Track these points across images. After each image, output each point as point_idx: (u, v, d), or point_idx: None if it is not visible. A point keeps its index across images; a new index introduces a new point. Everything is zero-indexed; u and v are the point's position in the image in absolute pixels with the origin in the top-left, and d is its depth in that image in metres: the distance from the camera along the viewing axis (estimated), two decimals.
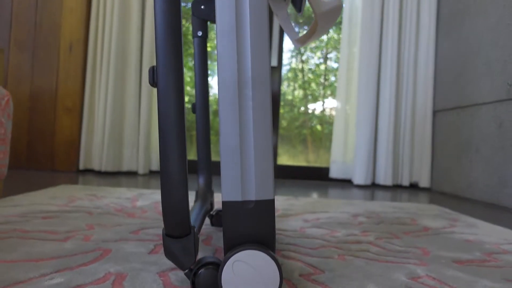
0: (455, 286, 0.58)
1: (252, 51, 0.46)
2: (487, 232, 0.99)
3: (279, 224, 0.96)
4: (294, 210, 1.17)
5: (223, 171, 0.47)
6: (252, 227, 0.46)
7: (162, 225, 0.88)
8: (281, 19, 0.77)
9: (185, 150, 0.46)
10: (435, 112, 2.20)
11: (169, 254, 0.47)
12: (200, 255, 0.67)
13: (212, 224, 0.89)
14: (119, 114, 2.07)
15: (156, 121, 2.19)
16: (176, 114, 0.46)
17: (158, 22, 0.46)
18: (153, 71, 0.47)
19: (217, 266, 0.48)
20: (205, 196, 0.84)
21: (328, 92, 2.53)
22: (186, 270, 0.48)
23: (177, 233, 0.47)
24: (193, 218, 0.65)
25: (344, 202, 1.41)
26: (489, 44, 1.73)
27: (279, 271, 0.45)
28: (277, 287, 0.45)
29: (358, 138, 2.19)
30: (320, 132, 2.57)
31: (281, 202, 1.31)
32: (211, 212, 0.89)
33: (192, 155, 2.29)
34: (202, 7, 0.88)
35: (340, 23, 2.34)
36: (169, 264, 0.61)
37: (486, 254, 0.77)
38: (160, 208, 1.08)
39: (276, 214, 1.10)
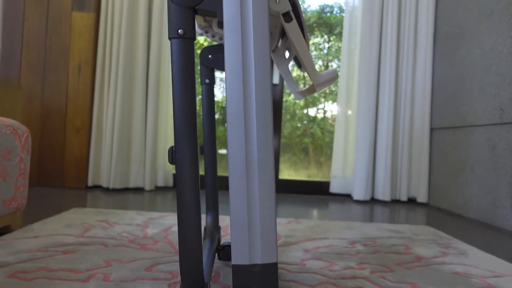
0: None
1: (258, 135, 0.53)
2: (476, 263, 1.06)
3: (281, 255, 1.03)
4: (295, 237, 1.24)
5: (232, 237, 0.54)
6: (259, 286, 0.54)
7: (173, 259, 0.95)
8: (282, 73, 0.84)
9: (200, 225, 0.53)
10: (432, 130, 2.27)
11: None
12: None
13: (220, 258, 0.96)
14: (126, 132, 2.14)
15: (161, 139, 2.26)
16: (192, 190, 0.53)
17: (176, 107, 0.53)
18: (172, 151, 0.54)
19: None
20: (213, 234, 0.91)
21: (329, 100, 2.61)
22: None
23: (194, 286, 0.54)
24: (204, 260, 0.72)
25: (343, 225, 1.48)
26: (483, 69, 1.80)
27: None
28: None
29: (357, 154, 2.26)
30: (321, 140, 2.64)
31: (283, 227, 1.38)
32: (219, 247, 0.96)
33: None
34: (210, 56, 0.96)
35: (339, 55, 2.41)
36: None
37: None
38: (170, 238, 1.15)
39: (278, 242, 1.17)
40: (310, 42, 2.67)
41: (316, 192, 2.43)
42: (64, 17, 2.11)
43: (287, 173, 2.59)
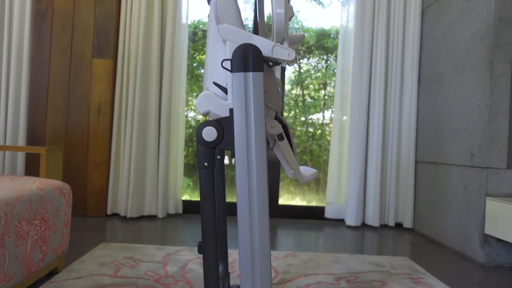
0: None
1: (259, 232, 0.77)
2: None
3: None
4: (291, 274, 1.48)
5: (241, 282, 0.78)
6: None
7: None
8: (281, 159, 1.08)
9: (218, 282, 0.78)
10: (417, 162, 2.51)
11: None
12: None
13: None
14: (141, 166, 2.39)
15: (172, 172, 2.50)
16: (214, 267, 0.77)
17: (204, 215, 0.78)
18: (200, 245, 0.78)
19: None
20: (224, 279, 1.16)
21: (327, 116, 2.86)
22: None
23: None
24: None
25: (333, 259, 1.71)
26: (458, 114, 2.04)
27: None
28: None
29: (349, 182, 2.50)
30: (318, 157, 2.89)
31: (281, 262, 1.62)
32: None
33: None
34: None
35: (332, 100, 2.64)
36: None
37: None
38: (187, 276, 1.39)
39: (274, 278, 1.41)
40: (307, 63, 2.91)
41: (312, 217, 2.67)
42: (85, 64, 2.36)
43: (287, 190, 2.83)
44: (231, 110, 0.80)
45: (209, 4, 1.00)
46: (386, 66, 2.52)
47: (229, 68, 0.79)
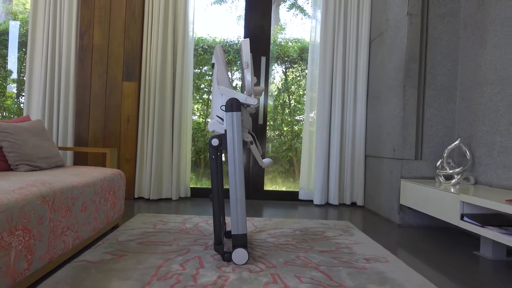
0: (315, 262, 1.71)
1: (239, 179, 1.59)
2: (355, 240, 2.12)
3: (255, 235, 2.09)
4: (265, 228, 2.30)
5: (232, 226, 1.60)
6: (240, 242, 1.60)
7: (205, 239, 2.00)
8: (252, 152, 1.89)
9: (220, 218, 1.60)
10: (366, 156, 3.33)
11: (215, 249, 1.60)
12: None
13: (226, 237, 2.01)
14: (160, 161, 3.20)
15: (182, 165, 3.31)
16: (219, 206, 1.59)
17: (214, 185, 1.60)
18: (210, 197, 1.60)
19: (230, 254, 1.61)
20: (222, 226, 1.97)
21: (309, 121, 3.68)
22: (221, 254, 1.61)
23: (217, 243, 1.60)
24: (221, 234, 1.78)
25: (296, 221, 2.53)
26: (387, 122, 2.86)
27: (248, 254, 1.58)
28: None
29: (316, 172, 3.32)
30: (300, 153, 3.70)
31: (261, 223, 2.44)
32: (226, 231, 2.01)
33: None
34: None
35: (304, 100, 3.45)
36: (214, 253, 1.74)
37: (337, 249, 1.90)
38: (200, 229, 2.21)
39: (255, 230, 2.23)
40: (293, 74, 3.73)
41: (289, 199, 3.50)
42: (117, 86, 3.16)
43: (275, 181, 3.65)
44: (225, 130, 1.61)
45: (213, 68, 1.81)
46: (343, 83, 3.34)
47: (224, 110, 1.60)
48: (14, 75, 3.73)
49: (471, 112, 2.47)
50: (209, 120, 1.62)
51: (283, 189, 3.61)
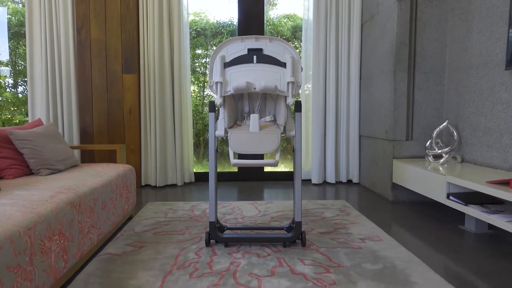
0: (316, 244, 1.89)
1: None
2: (351, 220, 2.31)
3: (260, 219, 2.27)
4: (268, 211, 2.47)
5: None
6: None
7: None
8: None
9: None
10: (360, 136, 3.49)
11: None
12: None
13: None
14: (163, 150, 3.34)
15: (185, 153, 3.46)
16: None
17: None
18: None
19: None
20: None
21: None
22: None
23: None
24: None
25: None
26: (380, 104, 3.00)
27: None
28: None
29: (313, 153, 3.48)
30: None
31: (263, 206, 2.62)
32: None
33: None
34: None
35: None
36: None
37: (335, 229, 2.08)
38: (207, 214, 2.38)
39: (258, 214, 2.40)
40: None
41: (288, 179, 3.67)
42: (117, 78, 3.24)
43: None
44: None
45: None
46: (336, 65, 3.44)
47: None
48: (5, 57, 3.79)
49: (458, 95, 2.61)
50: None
51: (282, 169, 3.78)
